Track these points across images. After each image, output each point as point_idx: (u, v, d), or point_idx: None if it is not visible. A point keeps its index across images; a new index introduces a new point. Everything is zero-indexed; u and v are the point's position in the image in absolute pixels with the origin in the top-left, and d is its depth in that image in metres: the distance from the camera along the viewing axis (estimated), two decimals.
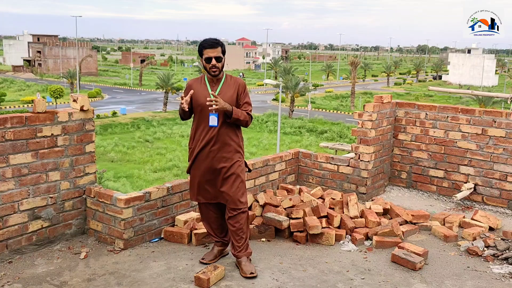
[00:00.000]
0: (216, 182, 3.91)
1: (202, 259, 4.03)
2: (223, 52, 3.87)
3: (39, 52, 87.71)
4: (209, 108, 3.73)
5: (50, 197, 4.17)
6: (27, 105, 48.83)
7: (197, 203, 4.82)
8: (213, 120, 3.81)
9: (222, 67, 3.88)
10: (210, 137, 3.83)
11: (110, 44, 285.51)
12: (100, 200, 4.33)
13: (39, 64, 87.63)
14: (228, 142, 3.87)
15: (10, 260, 3.94)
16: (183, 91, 4.08)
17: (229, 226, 3.95)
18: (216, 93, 3.83)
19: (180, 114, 4.00)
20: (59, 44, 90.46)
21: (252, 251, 4.03)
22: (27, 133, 3.95)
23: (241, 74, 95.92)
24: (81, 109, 4.29)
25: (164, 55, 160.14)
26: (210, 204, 4.03)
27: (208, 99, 3.71)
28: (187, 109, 3.80)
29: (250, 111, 3.95)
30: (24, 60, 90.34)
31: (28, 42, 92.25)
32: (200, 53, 3.88)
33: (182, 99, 3.85)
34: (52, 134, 4.11)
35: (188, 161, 4.01)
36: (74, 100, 4.31)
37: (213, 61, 3.81)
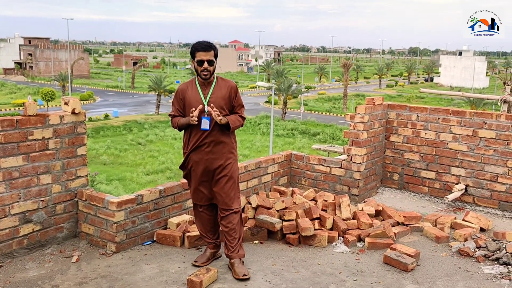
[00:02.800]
0: (210, 184, 3.94)
1: (195, 261, 4.02)
2: (215, 56, 3.87)
3: (30, 54, 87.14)
4: (207, 114, 3.78)
5: (41, 200, 4.14)
6: (18, 108, 48.53)
7: (189, 205, 4.83)
8: (205, 124, 3.83)
9: (214, 70, 3.88)
10: (203, 140, 3.86)
11: (102, 47, 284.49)
12: (92, 203, 4.31)
13: (31, 67, 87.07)
14: (221, 144, 3.89)
15: (0, 264, 3.91)
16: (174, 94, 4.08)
17: (221, 227, 3.97)
18: (208, 96, 3.87)
19: (180, 125, 3.93)
20: (50, 46, 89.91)
21: (245, 253, 4.03)
22: (18, 136, 3.93)
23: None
24: (73, 112, 4.27)
25: (156, 58, 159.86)
26: (203, 205, 4.05)
27: (210, 109, 3.74)
28: (196, 123, 3.78)
29: (243, 112, 4.00)
30: (15, 62, 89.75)
31: (20, 45, 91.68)
32: (192, 55, 3.88)
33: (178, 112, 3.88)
34: (43, 137, 4.09)
35: (183, 164, 4.02)
36: (66, 103, 4.30)
37: (205, 65, 3.82)
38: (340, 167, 5.99)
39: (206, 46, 3.83)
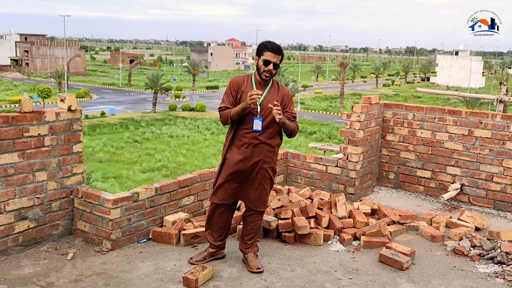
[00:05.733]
0: (245, 182, 3.88)
1: (191, 258, 4.03)
2: (281, 61, 3.84)
3: (26, 51, 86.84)
4: (274, 115, 3.67)
5: (36, 197, 4.13)
6: (14, 105, 48.34)
7: (185, 203, 4.82)
8: (257, 125, 3.78)
9: (275, 74, 3.84)
10: (251, 140, 3.80)
11: (98, 44, 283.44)
12: (88, 200, 4.31)
13: (27, 64, 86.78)
14: (267, 146, 3.86)
15: None
16: (229, 89, 3.91)
17: (243, 223, 4.05)
18: (262, 96, 3.81)
19: (231, 117, 3.78)
20: (47, 43, 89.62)
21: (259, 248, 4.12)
22: (13, 133, 3.91)
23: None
24: (69, 109, 4.26)
25: (153, 55, 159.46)
26: (223, 205, 3.95)
27: (274, 106, 3.66)
28: (255, 101, 3.64)
29: (296, 118, 3.97)
30: (11, 59, 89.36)
31: (16, 42, 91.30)
32: (260, 52, 3.81)
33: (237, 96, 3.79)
34: (39, 134, 4.08)
35: (222, 161, 3.92)
36: (62, 100, 4.28)
37: (270, 66, 3.76)
38: (336, 166, 6.00)
39: (277, 49, 3.77)
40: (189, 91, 70.54)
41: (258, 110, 3.79)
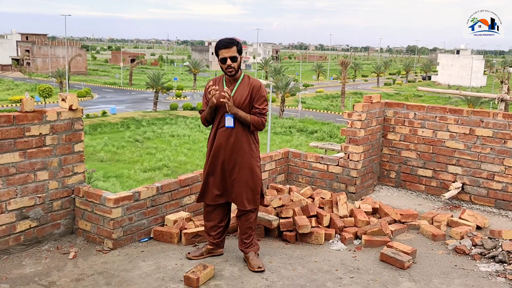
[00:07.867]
0: (227, 183, 3.91)
1: (188, 253, 4.08)
2: (239, 51, 3.85)
3: (27, 51, 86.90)
4: (222, 102, 3.75)
5: (38, 196, 4.14)
6: (16, 105, 48.39)
7: (187, 202, 4.83)
8: (229, 121, 3.81)
9: (239, 66, 3.85)
10: (225, 138, 3.83)
11: (99, 43, 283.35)
12: (89, 199, 4.31)
13: (28, 63, 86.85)
14: (243, 144, 3.86)
15: None
16: (209, 90, 3.93)
17: (238, 223, 4.07)
18: (232, 93, 3.84)
19: (205, 117, 3.92)
20: (48, 43, 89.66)
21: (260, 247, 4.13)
22: (15, 132, 3.92)
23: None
24: (70, 108, 4.26)
25: (154, 55, 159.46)
26: (212, 205, 4.03)
27: (222, 93, 3.73)
28: (214, 101, 3.74)
29: (262, 113, 3.90)
30: (12, 59, 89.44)
31: (17, 41, 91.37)
32: (216, 54, 3.86)
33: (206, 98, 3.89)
34: (40, 133, 4.08)
35: (206, 164, 3.99)
36: (63, 99, 4.29)
37: (228, 61, 3.80)
38: (337, 165, 6.00)
39: (227, 43, 3.81)
40: (190, 90, 70.56)
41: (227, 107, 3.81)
